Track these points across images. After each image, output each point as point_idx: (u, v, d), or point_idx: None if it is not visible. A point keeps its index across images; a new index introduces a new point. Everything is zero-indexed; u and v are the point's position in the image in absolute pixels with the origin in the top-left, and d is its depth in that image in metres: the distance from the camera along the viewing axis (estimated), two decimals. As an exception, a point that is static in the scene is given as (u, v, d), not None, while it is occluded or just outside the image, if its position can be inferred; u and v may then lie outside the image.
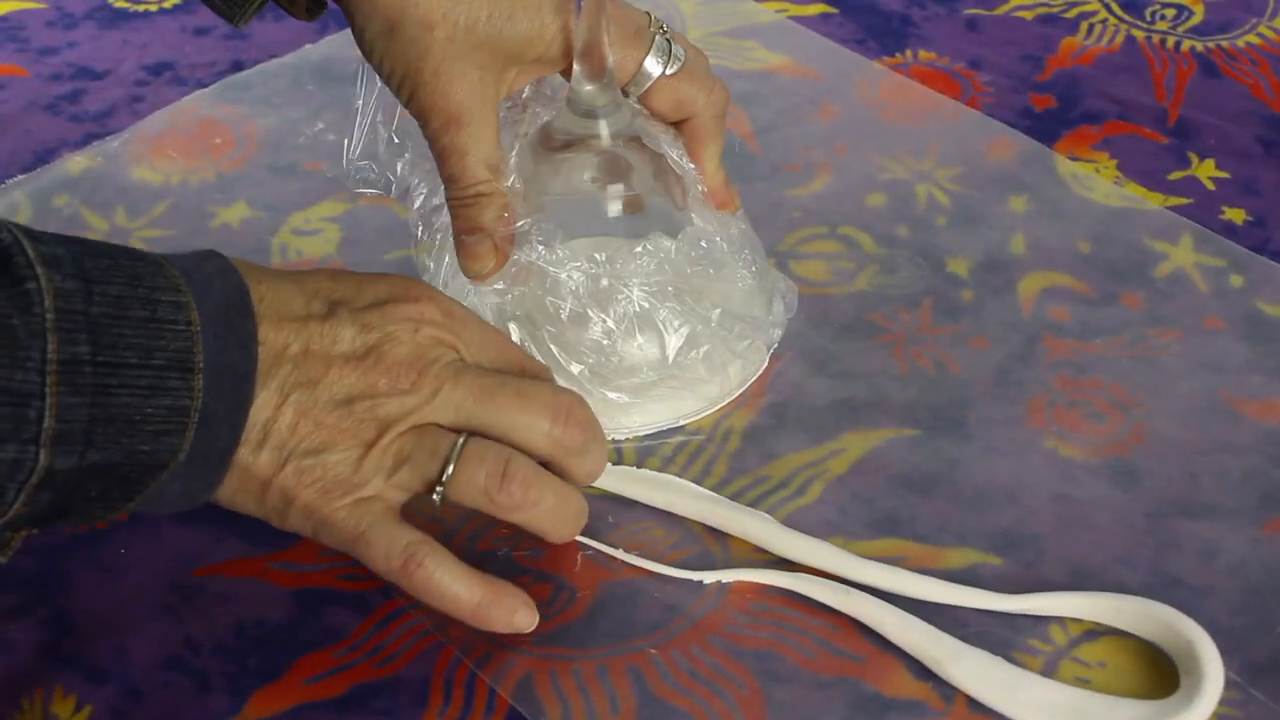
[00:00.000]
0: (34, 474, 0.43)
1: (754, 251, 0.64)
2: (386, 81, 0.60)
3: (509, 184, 0.60)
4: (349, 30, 0.60)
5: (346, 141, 0.69)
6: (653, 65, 0.60)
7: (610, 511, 0.59)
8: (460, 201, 0.60)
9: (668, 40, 0.61)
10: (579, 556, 0.58)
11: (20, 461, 0.43)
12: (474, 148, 0.58)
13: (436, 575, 0.51)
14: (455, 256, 0.62)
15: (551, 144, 0.61)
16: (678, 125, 0.62)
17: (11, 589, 0.57)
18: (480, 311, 0.62)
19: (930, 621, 0.55)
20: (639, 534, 0.59)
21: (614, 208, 0.61)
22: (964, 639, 0.54)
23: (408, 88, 0.59)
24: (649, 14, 0.61)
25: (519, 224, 0.59)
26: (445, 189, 0.60)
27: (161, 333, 0.45)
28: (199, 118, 0.80)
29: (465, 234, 0.60)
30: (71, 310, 0.43)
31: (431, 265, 0.65)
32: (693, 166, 0.62)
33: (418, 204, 0.65)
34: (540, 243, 0.59)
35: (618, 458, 0.62)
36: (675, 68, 0.61)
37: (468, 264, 0.60)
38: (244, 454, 0.49)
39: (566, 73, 0.60)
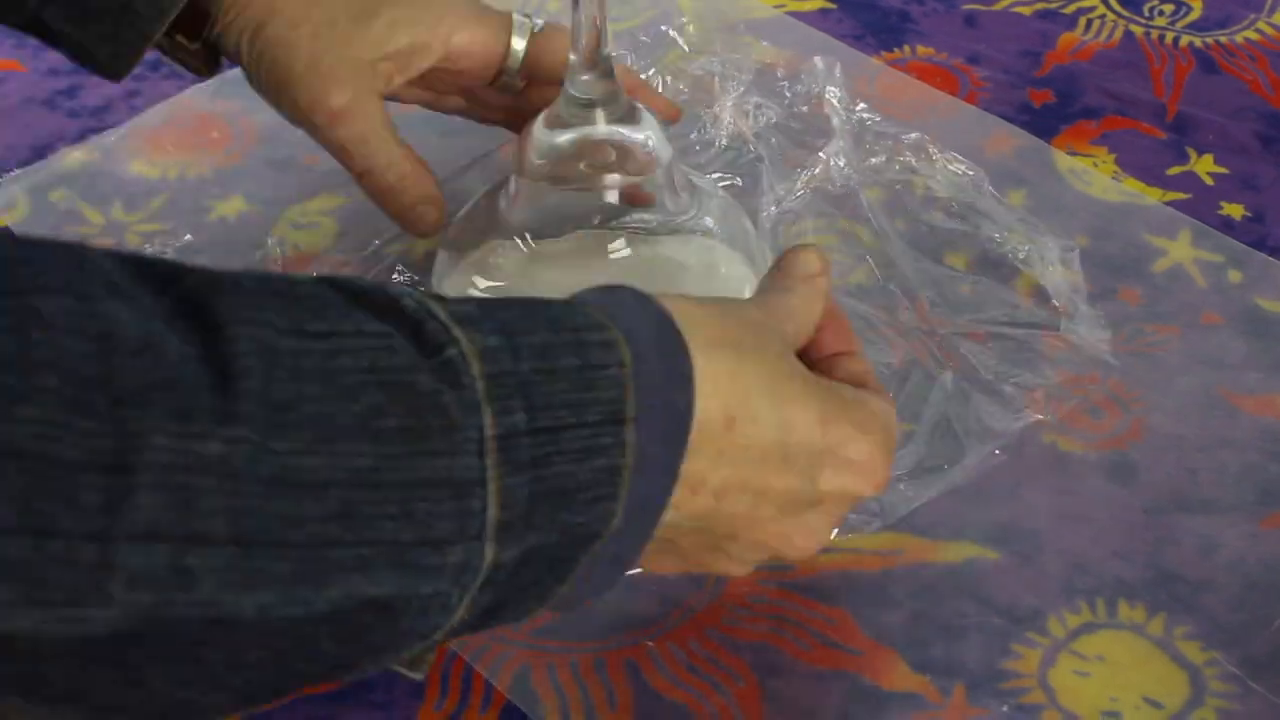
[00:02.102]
0: (480, 573, 0.37)
1: (752, 245, 0.64)
2: (263, 90, 0.60)
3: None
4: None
5: None
6: (518, 40, 0.63)
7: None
8: (382, 192, 0.62)
9: (525, 15, 0.64)
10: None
11: (467, 563, 0.36)
12: (371, 134, 0.59)
13: None
14: (441, 254, 0.63)
15: (549, 134, 0.61)
16: None
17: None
18: None
19: (932, 615, 0.55)
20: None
21: (611, 197, 0.61)
22: (963, 630, 0.54)
23: (285, 91, 0.59)
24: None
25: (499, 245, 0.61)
26: (360, 182, 0.62)
27: (595, 382, 0.38)
28: (196, 112, 0.80)
29: (398, 214, 0.63)
30: (502, 373, 0.37)
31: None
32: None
33: None
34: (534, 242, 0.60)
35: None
36: (539, 27, 0.64)
37: (415, 230, 0.63)
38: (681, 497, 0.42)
39: (458, 75, 0.64)
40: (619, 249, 0.61)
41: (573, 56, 0.58)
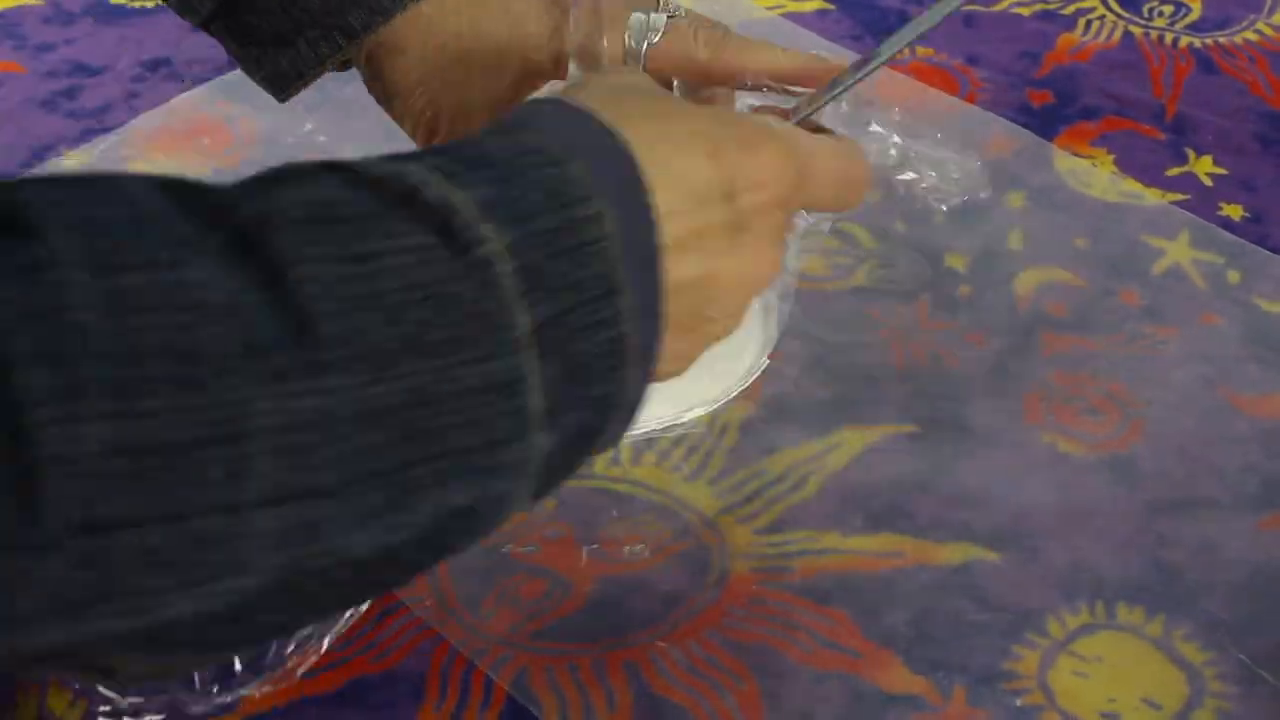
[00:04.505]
0: (536, 463, 0.39)
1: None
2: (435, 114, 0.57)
3: None
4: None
5: None
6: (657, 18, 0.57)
7: (613, 505, 0.59)
8: None
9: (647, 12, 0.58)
10: (584, 551, 0.57)
11: (526, 457, 0.38)
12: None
13: None
14: None
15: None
16: (714, 75, 0.58)
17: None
18: None
19: (931, 616, 0.55)
20: (638, 527, 0.58)
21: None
22: (963, 631, 0.54)
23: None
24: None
25: None
26: None
27: (587, 259, 0.39)
28: (195, 114, 0.80)
29: None
30: (524, 267, 0.38)
31: None
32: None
33: None
34: None
35: (615, 452, 0.61)
36: (653, 41, 0.58)
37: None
38: None
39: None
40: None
41: (571, 66, 0.58)
